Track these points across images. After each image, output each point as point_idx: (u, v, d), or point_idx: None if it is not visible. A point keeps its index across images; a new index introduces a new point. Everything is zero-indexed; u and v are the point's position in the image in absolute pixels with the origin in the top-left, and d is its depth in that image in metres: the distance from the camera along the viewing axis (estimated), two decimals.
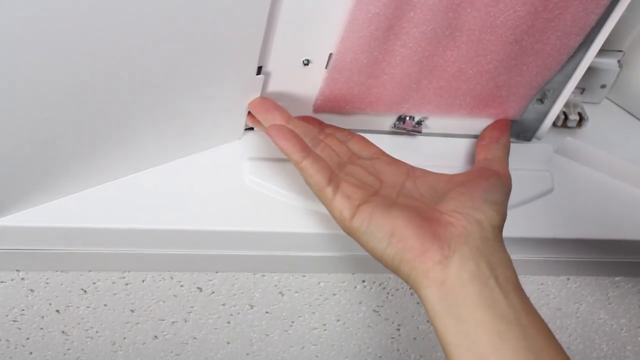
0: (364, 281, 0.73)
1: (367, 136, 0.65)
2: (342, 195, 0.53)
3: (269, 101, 0.59)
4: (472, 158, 0.66)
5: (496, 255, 0.51)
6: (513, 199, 0.64)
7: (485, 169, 0.59)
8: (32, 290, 0.68)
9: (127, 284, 0.69)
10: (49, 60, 0.44)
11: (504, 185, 0.58)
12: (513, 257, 0.67)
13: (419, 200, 0.55)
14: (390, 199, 0.54)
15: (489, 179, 0.57)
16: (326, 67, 0.58)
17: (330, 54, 0.56)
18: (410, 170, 0.59)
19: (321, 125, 0.62)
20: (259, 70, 0.56)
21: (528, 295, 0.78)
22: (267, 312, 0.76)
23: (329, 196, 0.53)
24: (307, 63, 0.57)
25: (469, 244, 0.50)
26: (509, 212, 0.63)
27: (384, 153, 0.60)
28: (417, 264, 0.50)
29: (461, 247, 0.50)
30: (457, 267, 0.49)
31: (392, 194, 0.56)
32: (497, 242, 0.52)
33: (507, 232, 0.63)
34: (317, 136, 0.59)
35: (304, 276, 0.70)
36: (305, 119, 0.62)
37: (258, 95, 0.59)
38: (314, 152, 0.54)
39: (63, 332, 0.76)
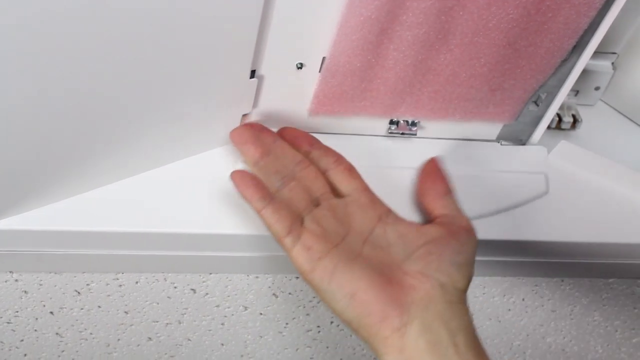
0: None
1: (362, 140, 0.65)
2: (302, 246, 0.52)
3: (247, 132, 0.57)
4: (466, 161, 0.66)
5: (458, 321, 0.50)
6: (508, 201, 0.64)
7: (452, 224, 0.56)
8: (25, 291, 0.68)
9: (120, 286, 0.69)
10: (40, 65, 0.43)
11: (472, 242, 0.56)
12: (508, 259, 0.67)
13: (384, 252, 0.54)
14: (354, 251, 0.53)
15: (458, 237, 0.55)
16: (320, 71, 0.58)
17: (324, 58, 0.56)
18: (384, 215, 0.56)
19: (310, 145, 0.60)
20: (253, 74, 0.56)
21: (522, 297, 0.79)
22: (261, 314, 0.76)
23: (288, 246, 0.52)
24: (300, 67, 0.57)
25: (430, 310, 0.49)
26: (503, 215, 0.64)
27: (364, 189, 0.58)
28: (376, 330, 0.49)
29: (422, 313, 0.49)
30: (416, 335, 0.48)
31: (358, 242, 0.54)
32: (460, 305, 0.51)
33: (502, 235, 0.63)
34: (295, 167, 0.57)
35: (297, 278, 0.70)
36: (295, 136, 0.60)
37: (252, 99, 0.59)
38: (274, 201, 0.53)
39: (57, 333, 0.76)
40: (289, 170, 0.57)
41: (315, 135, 0.64)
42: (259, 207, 0.52)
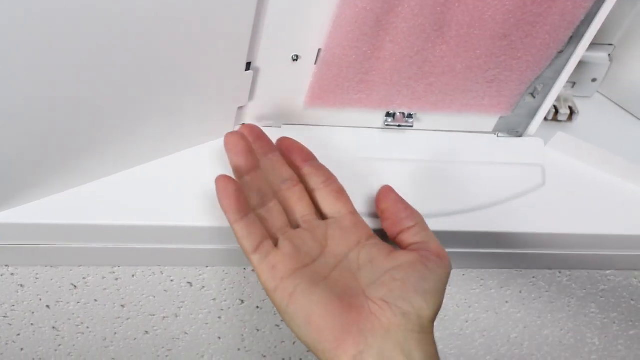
0: None
1: (358, 132, 0.65)
2: (267, 264, 0.51)
3: (241, 142, 0.55)
4: (462, 153, 0.66)
5: (421, 351, 0.48)
6: (505, 193, 0.64)
7: (424, 250, 0.54)
8: (22, 285, 0.68)
9: (117, 279, 0.68)
10: (37, 59, 0.43)
11: (442, 269, 0.53)
12: (505, 251, 0.67)
13: (352, 277, 0.53)
14: (320, 274, 0.52)
15: (427, 263, 0.53)
16: (315, 63, 0.57)
17: (319, 50, 0.56)
18: (364, 239, 0.56)
19: (304, 161, 0.59)
20: (248, 66, 0.56)
21: (519, 289, 0.79)
22: (257, 307, 0.76)
23: (255, 263, 0.52)
24: (296, 59, 0.57)
25: (390, 339, 0.48)
26: (500, 207, 0.63)
27: (349, 212, 0.57)
28: (332, 356, 0.48)
29: (380, 342, 0.48)
30: None
31: (329, 265, 0.53)
32: (423, 335, 0.49)
33: (498, 226, 0.63)
34: (282, 184, 0.57)
35: None
36: (292, 148, 0.60)
37: (247, 91, 0.58)
38: (248, 217, 0.52)
39: (54, 327, 0.76)
40: (275, 186, 0.57)
41: (311, 127, 0.64)
42: (231, 219, 0.52)
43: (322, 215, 0.58)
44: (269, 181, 0.56)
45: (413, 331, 0.49)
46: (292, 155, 0.59)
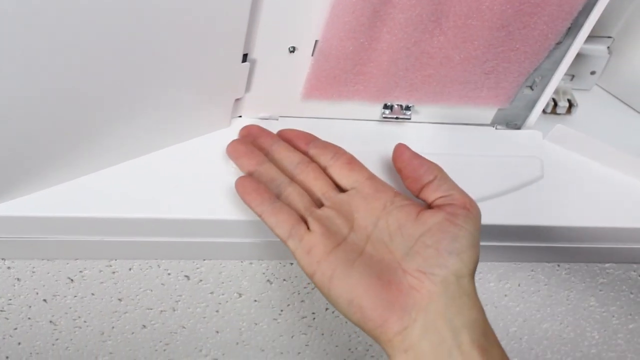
0: None
1: (356, 124, 0.65)
2: (303, 249, 0.52)
3: (240, 146, 0.58)
4: (460, 146, 0.66)
5: (462, 318, 0.48)
6: (503, 185, 0.64)
7: (450, 205, 0.53)
8: (18, 279, 0.68)
9: (114, 272, 0.68)
10: (31, 51, 0.43)
11: (472, 220, 0.53)
12: (503, 244, 0.67)
13: (386, 248, 0.52)
14: (355, 251, 0.52)
15: (456, 220, 0.52)
16: (312, 55, 0.57)
17: (316, 41, 0.56)
18: (388, 202, 0.55)
19: (307, 143, 0.60)
20: (245, 57, 0.56)
21: (517, 283, 0.78)
22: (255, 301, 0.76)
23: (292, 249, 0.53)
24: (293, 50, 0.57)
25: (432, 309, 0.48)
26: (498, 200, 0.63)
27: (367, 178, 0.57)
28: (378, 334, 0.49)
29: (423, 314, 0.48)
30: (418, 337, 0.48)
31: (361, 240, 0.53)
32: (465, 299, 0.49)
33: (497, 219, 0.63)
34: (295, 169, 0.57)
35: (292, 264, 0.70)
36: (293, 136, 0.60)
37: (244, 83, 0.58)
38: (273, 205, 0.53)
39: (51, 321, 0.76)
40: (289, 172, 0.57)
41: (308, 120, 0.64)
42: (258, 212, 0.53)
43: (341, 190, 0.57)
44: (282, 169, 0.57)
45: (453, 297, 0.49)
46: (295, 142, 0.60)
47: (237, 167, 0.59)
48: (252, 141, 0.60)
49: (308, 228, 0.53)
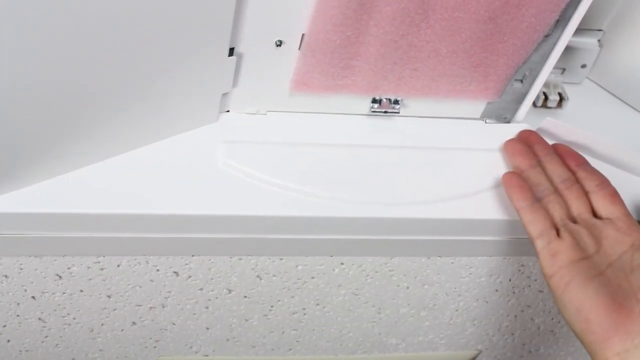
0: (342, 264, 0.72)
1: (345, 119, 0.65)
2: (549, 251, 0.56)
3: (518, 145, 0.64)
4: (450, 139, 0.66)
5: None
6: (492, 179, 0.64)
7: None
8: (6, 276, 0.67)
9: (102, 269, 0.68)
10: (19, 45, 0.43)
11: None
12: (494, 238, 0.67)
13: (625, 278, 0.55)
14: (596, 269, 0.55)
15: None
16: (299, 48, 0.57)
17: (303, 35, 0.56)
18: (637, 241, 0.57)
19: (578, 165, 0.63)
20: (231, 51, 0.56)
21: (508, 277, 0.78)
22: (245, 297, 0.76)
23: (538, 248, 0.57)
24: (279, 44, 0.56)
25: None
26: (487, 194, 0.63)
27: (625, 214, 0.59)
28: (597, 350, 0.51)
29: None
30: None
31: (603, 263, 0.56)
32: None
33: (487, 214, 0.63)
34: (560, 184, 0.61)
35: (282, 259, 0.69)
36: (566, 153, 0.64)
37: (231, 77, 0.58)
38: (533, 205, 0.58)
39: (40, 319, 0.75)
40: (554, 184, 0.61)
41: (297, 114, 0.64)
42: (517, 206, 0.59)
43: (596, 216, 0.60)
44: (549, 178, 0.61)
45: None
46: (567, 160, 0.63)
47: (510, 163, 0.64)
48: (529, 145, 0.64)
49: (558, 235, 0.57)
